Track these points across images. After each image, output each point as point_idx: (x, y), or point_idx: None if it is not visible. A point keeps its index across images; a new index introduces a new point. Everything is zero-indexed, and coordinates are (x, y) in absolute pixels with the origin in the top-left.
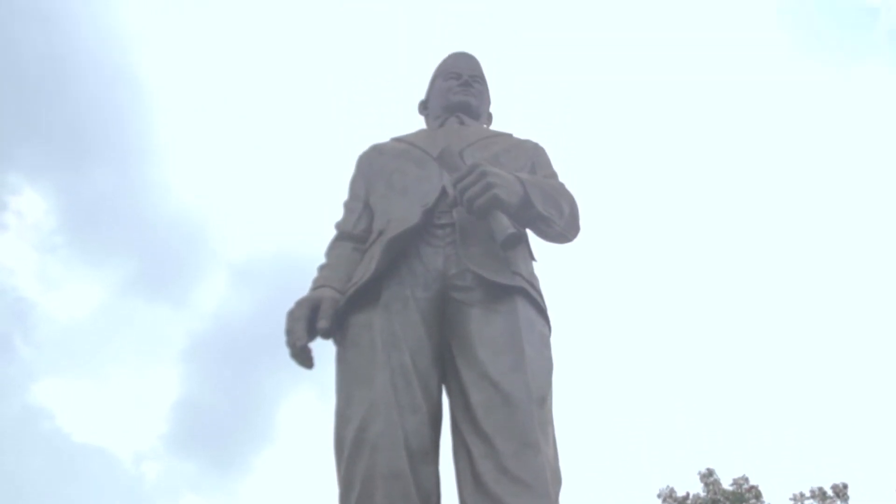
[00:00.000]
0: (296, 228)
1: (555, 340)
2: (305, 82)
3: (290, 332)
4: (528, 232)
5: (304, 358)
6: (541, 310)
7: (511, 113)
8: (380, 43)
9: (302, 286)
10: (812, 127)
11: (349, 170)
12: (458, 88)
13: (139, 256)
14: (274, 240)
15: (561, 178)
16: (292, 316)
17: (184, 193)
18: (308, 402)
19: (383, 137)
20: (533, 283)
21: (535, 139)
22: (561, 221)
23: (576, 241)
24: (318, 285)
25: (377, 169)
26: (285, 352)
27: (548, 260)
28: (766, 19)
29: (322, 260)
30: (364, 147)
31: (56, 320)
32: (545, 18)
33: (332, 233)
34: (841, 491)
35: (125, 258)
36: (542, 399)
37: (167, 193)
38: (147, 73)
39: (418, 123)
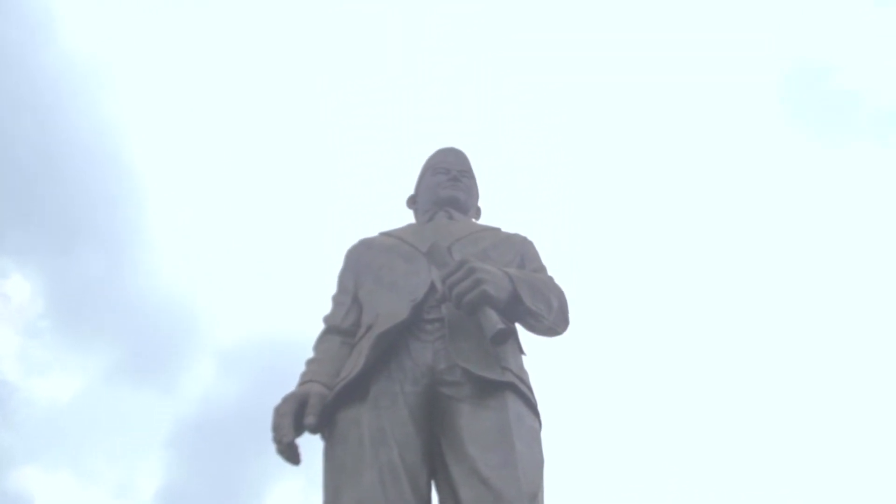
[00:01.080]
0: (284, 315)
1: (545, 435)
2: (294, 169)
3: (276, 427)
4: (518, 326)
5: (290, 454)
6: (531, 405)
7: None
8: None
9: (290, 373)
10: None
11: (338, 255)
12: (447, 183)
13: (126, 342)
14: (262, 326)
15: (550, 271)
16: (279, 412)
17: (172, 279)
18: (295, 490)
19: (372, 229)
20: (523, 377)
21: (523, 233)
22: (550, 316)
23: (565, 334)
24: (305, 380)
25: (365, 263)
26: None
27: (537, 354)
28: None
29: (309, 348)
30: (353, 239)
31: (38, 405)
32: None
33: (321, 319)
34: None
35: (111, 343)
36: (534, 495)
37: (155, 279)
38: (136, 161)
39: (405, 214)
